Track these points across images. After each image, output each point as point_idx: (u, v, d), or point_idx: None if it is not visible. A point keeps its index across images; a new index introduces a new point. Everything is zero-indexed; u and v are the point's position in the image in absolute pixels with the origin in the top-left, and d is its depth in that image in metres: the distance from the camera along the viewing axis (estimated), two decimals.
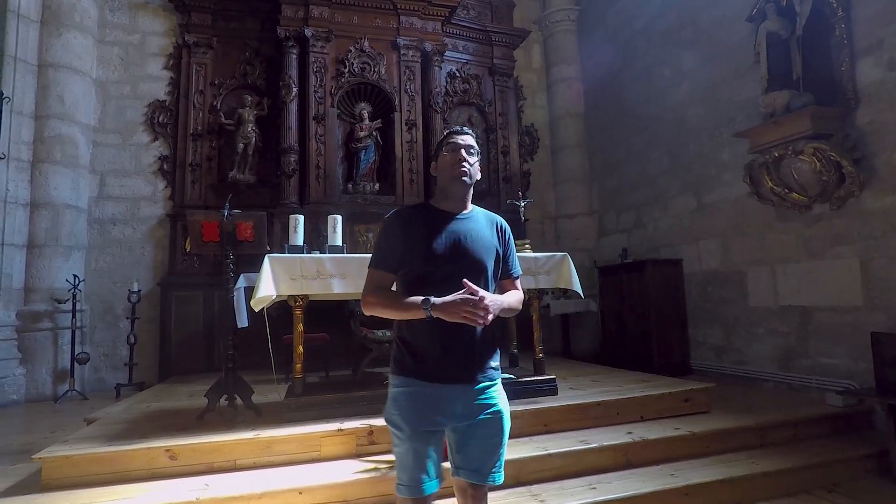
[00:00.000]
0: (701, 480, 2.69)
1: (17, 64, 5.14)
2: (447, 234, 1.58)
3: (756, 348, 4.69)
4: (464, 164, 1.61)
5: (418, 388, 1.51)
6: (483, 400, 1.55)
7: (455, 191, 1.64)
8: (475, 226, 1.65)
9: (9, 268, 4.99)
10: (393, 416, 1.53)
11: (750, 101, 4.60)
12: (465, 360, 1.54)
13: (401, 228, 1.60)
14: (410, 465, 1.51)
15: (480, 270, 1.59)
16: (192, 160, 5.86)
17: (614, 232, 6.79)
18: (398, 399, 1.53)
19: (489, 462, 1.56)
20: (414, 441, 1.50)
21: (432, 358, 1.53)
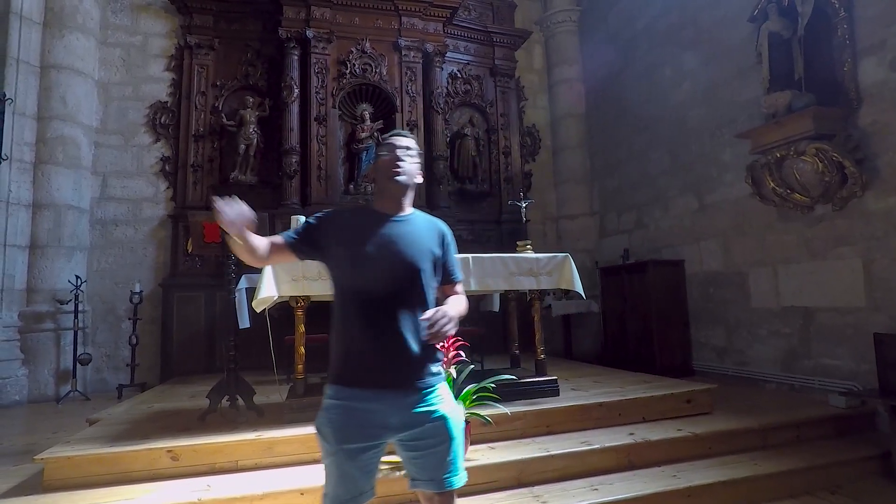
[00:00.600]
0: (703, 482, 2.68)
1: (20, 65, 5.15)
2: (380, 235, 1.56)
3: (758, 349, 4.68)
4: (399, 164, 1.60)
5: (351, 400, 1.46)
6: (423, 407, 1.50)
7: (392, 191, 1.62)
8: (411, 228, 1.62)
9: (11, 269, 5.00)
10: (321, 427, 1.48)
11: (752, 102, 4.60)
12: (400, 365, 1.49)
13: (335, 223, 1.61)
14: (332, 481, 1.48)
15: (413, 272, 1.55)
16: (193, 161, 5.87)
17: (616, 232, 6.79)
18: (329, 410, 1.48)
19: (442, 470, 1.50)
20: (338, 456, 1.45)
21: (365, 363, 1.48)
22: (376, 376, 1.47)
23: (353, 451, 1.44)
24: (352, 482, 1.46)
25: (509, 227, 6.72)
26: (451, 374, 2.76)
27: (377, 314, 1.49)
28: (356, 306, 1.51)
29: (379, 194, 1.66)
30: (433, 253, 1.62)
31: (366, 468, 1.48)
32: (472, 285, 3.31)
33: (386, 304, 1.49)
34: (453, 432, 1.53)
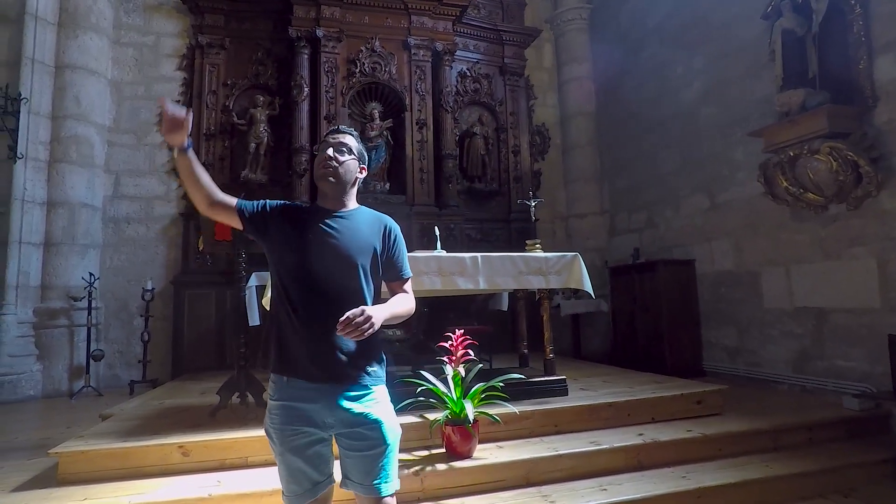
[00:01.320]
0: (713, 483, 2.66)
1: (35, 65, 5.22)
2: (319, 229, 1.57)
3: (770, 350, 4.63)
4: (329, 163, 1.61)
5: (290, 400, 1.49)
6: (356, 410, 1.50)
7: (323, 188, 1.64)
8: (352, 224, 1.62)
9: (26, 266, 5.08)
10: (268, 429, 1.53)
11: (764, 100, 4.55)
12: (331, 360, 1.50)
13: (282, 212, 1.61)
14: (285, 478, 1.53)
15: (350, 267, 1.56)
16: (204, 160, 5.91)
17: (626, 232, 6.75)
18: (271, 411, 1.52)
19: (372, 475, 1.49)
20: (285, 455, 1.50)
21: (298, 354, 1.51)
22: (308, 368, 1.49)
23: (298, 448, 1.48)
24: (303, 476, 1.50)
25: (518, 226, 6.71)
26: (460, 372, 2.76)
27: (311, 307, 1.51)
28: (292, 298, 1.52)
29: (319, 192, 1.67)
30: (373, 248, 1.61)
31: (314, 461, 1.51)
32: (480, 284, 3.31)
33: (320, 297, 1.51)
34: (387, 438, 1.52)
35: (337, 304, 1.48)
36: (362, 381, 1.53)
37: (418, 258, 3.25)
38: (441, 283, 3.23)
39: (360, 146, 1.71)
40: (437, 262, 3.26)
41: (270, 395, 1.54)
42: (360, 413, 1.50)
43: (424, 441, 2.84)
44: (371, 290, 1.61)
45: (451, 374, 2.76)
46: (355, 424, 1.50)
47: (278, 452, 1.51)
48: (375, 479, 1.49)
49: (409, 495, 2.46)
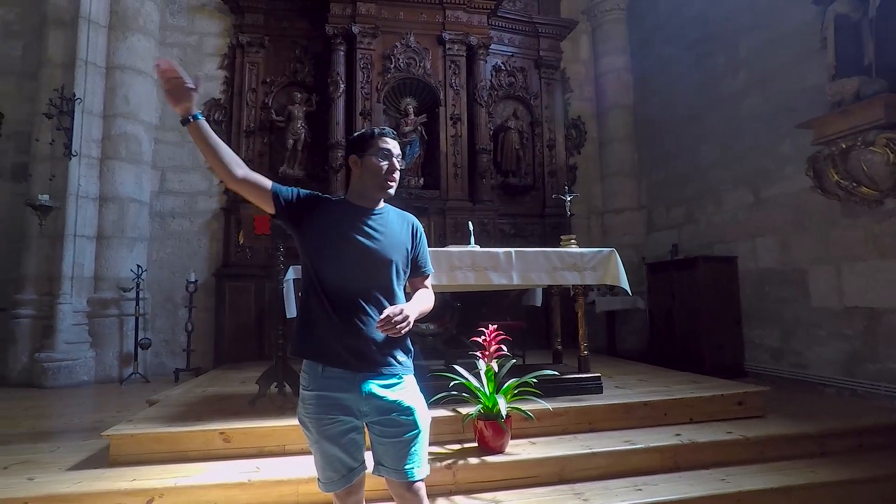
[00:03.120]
0: (754, 487, 2.57)
1: (88, 67, 5.48)
2: (357, 228, 1.60)
3: (817, 351, 4.44)
4: (394, 178, 1.65)
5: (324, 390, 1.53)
6: (390, 397, 1.55)
7: (377, 196, 1.67)
8: (385, 222, 1.66)
9: (81, 258, 5.35)
10: (302, 418, 1.57)
11: (814, 89, 4.33)
12: (363, 351, 1.54)
13: (319, 206, 1.62)
14: (321, 465, 1.57)
15: (385, 264, 1.60)
16: (245, 156, 6.08)
17: (664, 227, 6.58)
18: (305, 401, 1.56)
19: (402, 459, 1.54)
20: (321, 442, 1.54)
21: (328, 341, 1.54)
22: (343, 355, 1.53)
23: (334, 436, 1.53)
24: (339, 462, 1.56)
25: (553, 221, 6.63)
26: (493, 367, 2.76)
27: (348, 302, 1.55)
28: (328, 292, 1.56)
29: (359, 192, 1.68)
30: (406, 247, 1.67)
31: (349, 448, 1.56)
32: (514, 279, 3.29)
33: (357, 293, 1.55)
34: (419, 424, 1.57)
35: (373, 300, 1.56)
36: (394, 370, 1.58)
37: (452, 253, 3.26)
38: (474, 277, 3.23)
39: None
40: (470, 257, 3.26)
41: (304, 385, 1.58)
42: (394, 400, 1.55)
43: (457, 435, 2.85)
44: (402, 286, 1.67)
45: (483, 369, 2.77)
46: (389, 411, 1.54)
47: (314, 440, 1.56)
48: (407, 463, 1.53)
49: (442, 488, 2.48)
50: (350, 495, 1.61)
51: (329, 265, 1.58)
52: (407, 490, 1.54)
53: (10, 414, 3.89)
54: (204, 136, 1.51)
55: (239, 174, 1.55)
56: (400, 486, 1.55)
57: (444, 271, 3.16)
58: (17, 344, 5.18)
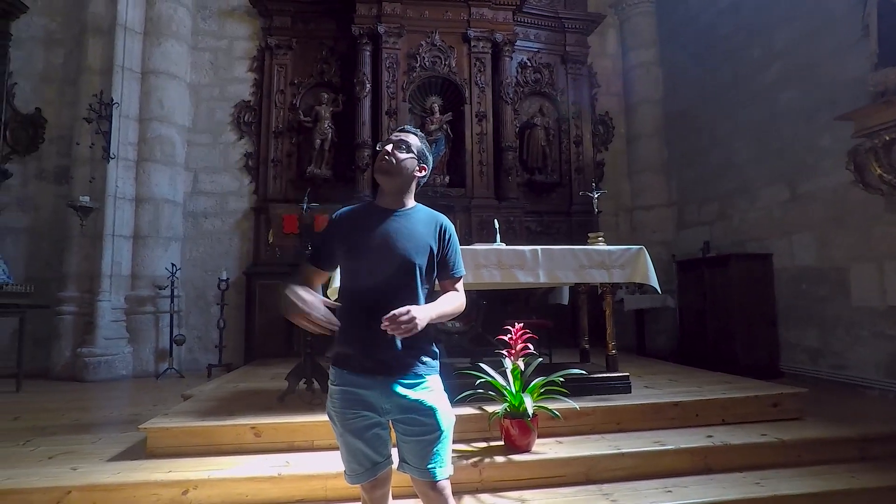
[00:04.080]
0: (791, 492, 2.49)
1: (124, 73, 5.67)
2: (380, 230, 1.61)
3: (859, 352, 4.27)
4: (385, 157, 1.63)
5: (349, 385, 1.56)
6: (412, 397, 1.55)
7: (385, 185, 1.67)
8: (409, 223, 1.64)
9: (119, 257, 5.55)
10: (329, 411, 1.61)
11: (855, 81, 4.16)
12: (388, 354, 1.55)
13: (340, 225, 1.67)
14: (346, 457, 1.61)
15: (408, 266, 1.59)
16: (273, 156, 6.22)
17: (695, 224, 6.42)
18: (332, 395, 1.59)
19: (425, 459, 1.55)
20: (346, 435, 1.58)
21: (353, 348, 1.58)
22: (367, 363, 1.56)
23: (358, 430, 1.56)
24: (363, 456, 1.59)
25: (580, 219, 6.56)
26: (519, 366, 2.75)
27: (370, 304, 1.55)
28: (353, 295, 1.60)
29: (380, 192, 1.71)
30: (430, 248, 1.64)
31: (373, 443, 1.58)
32: (540, 277, 3.27)
33: (380, 296, 1.55)
34: (441, 425, 1.57)
35: (394, 302, 1.52)
36: (416, 370, 1.59)
37: (478, 251, 3.26)
38: (500, 276, 3.22)
39: (424, 147, 1.72)
40: (496, 255, 3.24)
41: (331, 380, 1.62)
42: (416, 400, 1.56)
43: (483, 433, 2.85)
44: (426, 288, 1.66)
45: (510, 368, 2.76)
46: (411, 410, 1.55)
47: (339, 433, 1.60)
48: (430, 463, 1.54)
49: (468, 486, 2.48)
50: (375, 489, 1.64)
51: (351, 269, 1.62)
52: (431, 489, 1.55)
53: (55, 406, 4.06)
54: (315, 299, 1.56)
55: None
56: (424, 485, 1.56)
57: (470, 269, 3.16)
58: (61, 339, 5.41)
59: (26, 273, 5.67)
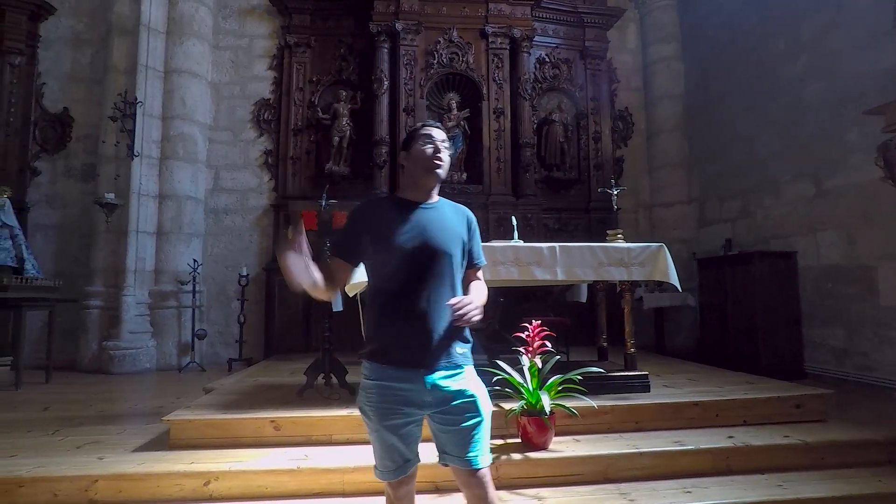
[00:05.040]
0: (814, 495, 2.44)
1: (148, 72, 5.78)
2: (413, 222, 1.60)
3: (887, 353, 4.16)
4: (439, 158, 1.63)
5: (386, 380, 1.54)
6: (452, 387, 1.56)
7: (427, 183, 1.66)
8: (441, 215, 1.66)
9: (143, 252, 5.68)
10: (363, 406, 1.58)
11: (886, 73, 4.04)
12: (429, 346, 1.54)
13: (365, 218, 1.64)
14: (379, 454, 1.60)
15: (446, 259, 1.60)
16: (292, 154, 6.28)
17: (716, 221, 6.31)
18: (368, 391, 1.56)
19: (465, 447, 1.55)
20: (381, 431, 1.55)
21: (391, 342, 1.56)
22: (406, 356, 1.54)
23: (394, 427, 1.55)
24: (397, 453, 1.58)
25: (598, 216, 6.50)
26: (536, 363, 2.74)
27: (409, 297, 1.55)
28: (390, 289, 1.58)
29: (410, 184, 1.68)
30: (462, 239, 1.67)
31: (407, 439, 1.58)
32: (558, 275, 3.25)
33: (417, 287, 1.55)
34: (482, 412, 1.58)
35: (434, 294, 1.56)
36: (455, 360, 1.60)
37: (495, 248, 3.25)
38: (518, 273, 3.21)
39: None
40: (513, 252, 3.23)
41: (366, 375, 1.59)
42: (457, 389, 1.57)
43: (500, 430, 2.84)
44: (459, 278, 1.68)
45: (527, 365, 2.75)
46: (452, 400, 1.56)
47: (374, 429, 1.57)
48: (471, 451, 1.55)
49: None
50: (402, 486, 1.64)
51: (383, 263, 1.59)
52: (472, 477, 1.56)
53: (83, 398, 4.18)
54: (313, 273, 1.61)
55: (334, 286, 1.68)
56: (465, 474, 1.57)
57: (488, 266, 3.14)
58: (88, 333, 5.56)
59: (55, 268, 5.83)
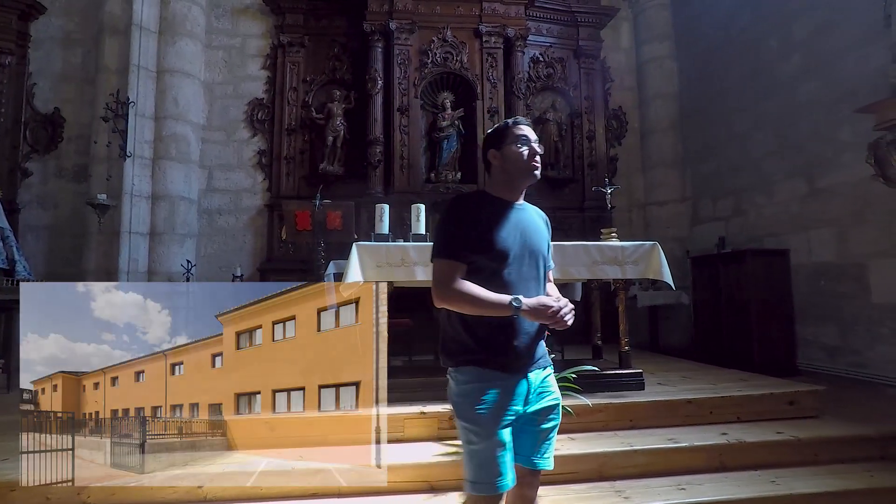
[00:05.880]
0: (807, 491, 2.46)
1: (140, 71, 5.74)
2: (513, 223, 1.57)
3: (879, 350, 4.19)
4: (537, 161, 1.60)
5: (492, 381, 1.47)
6: (543, 388, 1.56)
7: (523, 184, 1.64)
8: (530, 216, 1.65)
9: (136, 253, 5.64)
10: (469, 413, 1.47)
11: (877, 72, 4.06)
12: (531, 346, 1.53)
13: (471, 217, 1.55)
14: (490, 464, 1.45)
15: (541, 260, 1.59)
16: (286, 154, 6.26)
17: (710, 220, 6.34)
18: (473, 395, 1.46)
19: (543, 448, 1.56)
20: (493, 439, 1.45)
21: (504, 346, 1.49)
22: (511, 357, 1.50)
23: (505, 432, 1.47)
24: (507, 458, 1.47)
25: (592, 215, 6.51)
26: None
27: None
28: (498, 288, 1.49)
29: (503, 183, 1.63)
30: (547, 240, 1.68)
31: (510, 449, 1.49)
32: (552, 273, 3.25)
33: (518, 289, 1.50)
34: (559, 418, 1.60)
35: (532, 294, 1.52)
36: (546, 360, 1.61)
37: None
38: None
39: None
40: None
41: (467, 380, 1.50)
42: (547, 391, 1.58)
43: None
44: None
45: None
46: (548, 401, 1.57)
47: (483, 436, 1.45)
48: (543, 453, 1.57)
49: None
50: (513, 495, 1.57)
51: (490, 263, 1.51)
52: (532, 477, 1.58)
53: None
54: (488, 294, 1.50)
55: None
56: (530, 474, 1.58)
57: None
58: None
59: (47, 269, 5.78)
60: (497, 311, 1.45)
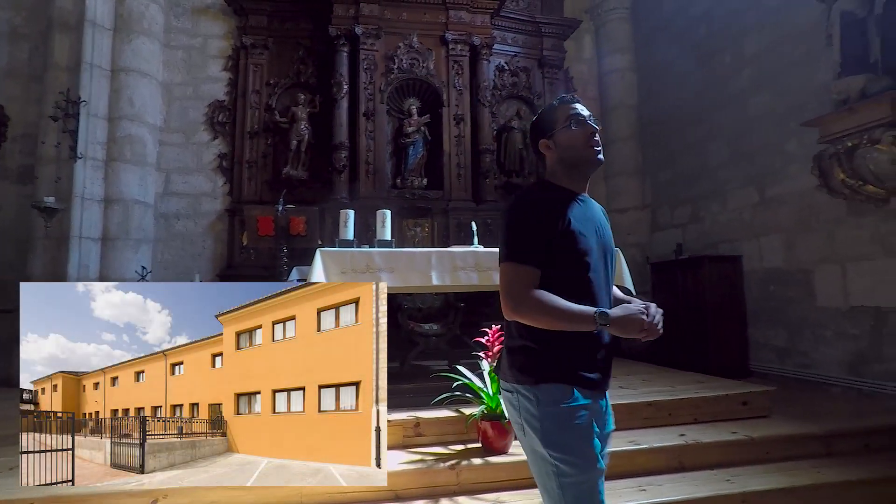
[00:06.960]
0: (759, 488, 2.56)
1: (93, 70, 5.50)
2: (588, 218, 1.37)
3: (823, 351, 4.41)
4: (598, 140, 1.38)
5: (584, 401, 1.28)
6: (609, 407, 1.42)
7: (589, 172, 1.43)
8: (599, 211, 1.47)
9: (86, 259, 5.38)
10: (564, 438, 1.24)
11: (822, 88, 4.30)
12: (610, 360, 1.39)
13: (545, 216, 1.32)
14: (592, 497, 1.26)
15: (610, 263, 1.42)
16: (248, 157, 6.12)
17: (668, 227, 6.55)
18: (565, 417, 1.24)
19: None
20: (596, 467, 1.26)
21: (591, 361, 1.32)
22: (602, 378, 1.35)
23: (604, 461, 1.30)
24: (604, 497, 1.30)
25: None
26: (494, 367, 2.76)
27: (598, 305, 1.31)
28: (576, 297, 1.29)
29: (568, 171, 1.40)
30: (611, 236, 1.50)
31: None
32: None
33: (601, 293, 1.34)
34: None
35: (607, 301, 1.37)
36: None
37: (455, 253, 3.26)
38: (478, 278, 3.23)
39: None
40: (474, 258, 3.26)
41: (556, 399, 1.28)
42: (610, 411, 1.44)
43: (460, 435, 2.85)
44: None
45: (487, 370, 2.77)
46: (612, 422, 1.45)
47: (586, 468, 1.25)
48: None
49: (445, 488, 2.48)
50: None
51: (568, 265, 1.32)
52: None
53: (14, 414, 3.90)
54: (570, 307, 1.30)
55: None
56: None
57: (448, 271, 3.16)
58: None
59: None
60: (579, 325, 1.25)
